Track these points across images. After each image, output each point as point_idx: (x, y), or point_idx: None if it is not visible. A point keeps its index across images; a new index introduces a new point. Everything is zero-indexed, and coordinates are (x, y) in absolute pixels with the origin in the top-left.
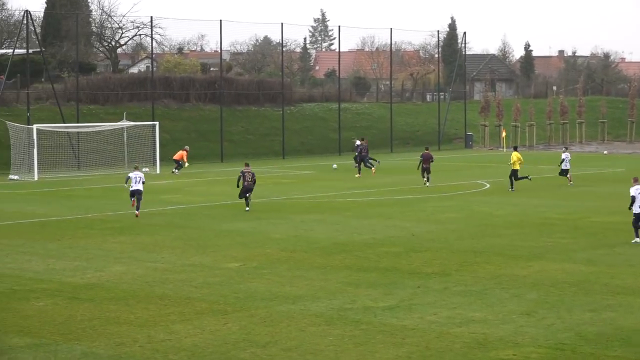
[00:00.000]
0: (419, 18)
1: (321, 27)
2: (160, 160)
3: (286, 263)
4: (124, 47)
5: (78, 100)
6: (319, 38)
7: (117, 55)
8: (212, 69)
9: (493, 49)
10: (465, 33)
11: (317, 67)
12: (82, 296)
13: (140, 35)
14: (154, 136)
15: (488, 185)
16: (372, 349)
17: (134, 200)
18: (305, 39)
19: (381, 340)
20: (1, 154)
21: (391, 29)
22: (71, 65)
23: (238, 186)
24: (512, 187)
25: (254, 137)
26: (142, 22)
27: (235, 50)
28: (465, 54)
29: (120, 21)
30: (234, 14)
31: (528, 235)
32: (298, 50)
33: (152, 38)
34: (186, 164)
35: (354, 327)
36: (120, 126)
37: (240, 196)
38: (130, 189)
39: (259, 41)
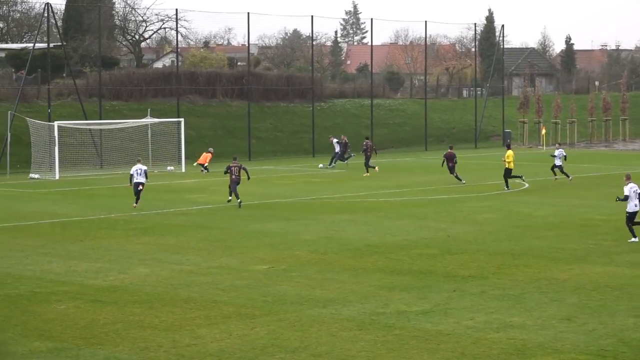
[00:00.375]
0: (455, 10)
1: (353, 20)
2: (186, 158)
3: (316, 265)
4: (148, 41)
5: (101, 96)
6: (351, 31)
7: (141, 50)
8: (239, 63)
9: (532, 42)
10: (503, 26)
11: (348, 62)
12: (104, 299)
13: (165, 28)
14: (179, 133)
15: (527, 185)
16: (406, 354)
17: (139, 189)
18: (336, 32)
19: (415, 346)
20: (21, 151)
21: (426, 21)
22: (93, 60)
23: (226, 173)
24: (507, 187)
25: (283, 134)
26: (167, 15)
27: (264, 44)
28: (503, 48)
29: (144, 14)
30: (262, 7)
31: (568, 237)
32: (329, 44)
33: (177, 31)
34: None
35: (387, 332)
36: (144, 123)
37: (230, 192)
38: (134, 181)
39: (288, 34)
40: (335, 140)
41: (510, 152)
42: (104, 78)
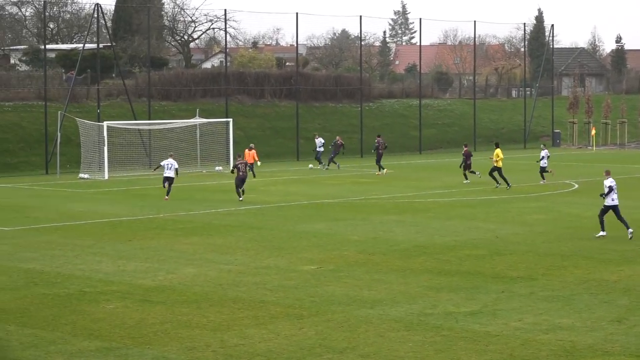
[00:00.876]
0: (504, 10)
1: (401, 20)
2: (234, 158)
3: (364, 266)
4: (196, 41)
5: (150, 97)
6: (399, 31)
7: (189, 50)
8: (287, 63)
9: (582, 42)
10: (553, 26)
11: (397, 62)
12: (153, 299)
13: (213, 29)
14: (227, 133)
15: (576, 186)
16: (454, 356)
17: (166, 184)
18: (384, 32)
19: (463, 347)
20: (71, 151)
21: (475, 21)
22: (142, 60)
23: (233, 172)
24: (498, 183)
25: (331, 134)
26: (216, 16)
27: (312, 45)
28: (552, 48)
29: (193, 14)
30: (310, 7)
31: (619, 238)
32: (377, 44)
33: (225, 32)
34: (258, 163)
35: (435, 333)
36: (192, 123)
37: (237, 187)
38: (164, 175)
39: (337, 35)
40: (320, 140)
41: (498, 150)
42: (153, 78)
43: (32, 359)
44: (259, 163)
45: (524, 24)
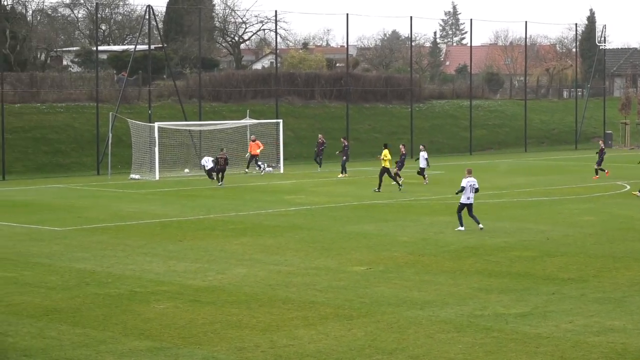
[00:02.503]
0: (555, 10)
1: (452, 21)
2: (285, 159)
3: (414, 267)
4: (247, 42)
5: (200, 98)
6: (450, 32)
7: (240, 51)
8: (338, 64)
9: (635, 42)
10: (605, 26)
11: (447, 63)
12: (203, 299)
13: (264, 30)
14: (277, 134)
15: (628, 187)
16: (504, 357)
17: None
18: (435, 32)
19: (513, 349)
20: (122, 152)
21: (526, 22)
22: (193, 62)
23: (214, 169)
24: (379, 189)
25: (381, 135)
26: (266, 17)
27: (362, 45)
28: (604, 48)
29: (244, 15)
30: (361, 8)
31: None
32: (428, 44)
33: (276, 33)
34: (258, 151)
35: (485, 335)
36: (243, 124)
37: (214, 175)
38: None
39: (387, 35)
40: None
41: (386, 151)
42: (204, 79)
43: (82, 358)
44: (258, 151)
45: (576, 24)
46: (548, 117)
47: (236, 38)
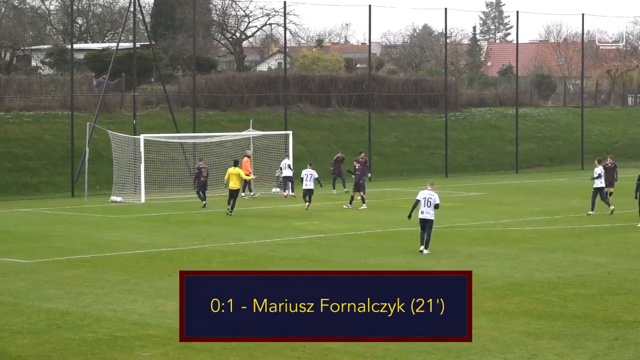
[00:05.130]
0: (617, 1)
1: (495, 14)
2: (295, 178)
3: None
4: (251, 39)
5: (195, 105)
6: (492, 27)
7: (242, 50)
8: (358, 65)
9: None
10: None
11: (489, 63)
12: (197, 346)
13: (270, 24)
14: (286, 148)
15: None
16: None
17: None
18: (474, 28)
19: None
20: (102, 170)
21: (583, 14)
22: (187, 62)
23: (194, 183)
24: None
25: (410, 149)
26: (274, 9)
27: (388, 43)
28: None
29: (247, 8)
30: None
31: None
32: (466, 42)
33: (285, 28)
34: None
35: None
36: (245, 136)
37: (199, 191)
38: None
39: (417, 31)
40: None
41: (233, 169)
42: (199, 83)
43: None
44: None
45: None
46: (609, 127)
47: (237, 34)
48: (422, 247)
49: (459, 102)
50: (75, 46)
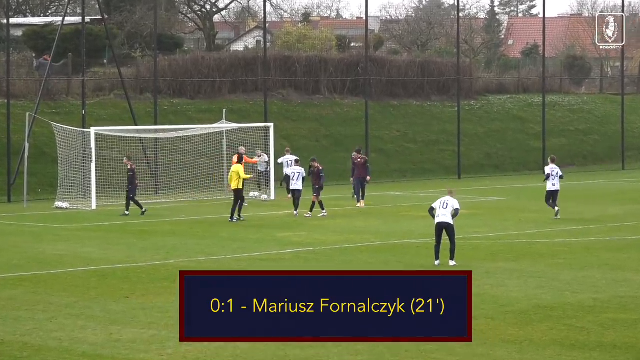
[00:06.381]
0: None
1: None
2: (276, 180)
3: None
4: (224, 13)
5: (156, 92)
6: None
7: (213, 26)
8: (353, 44)
9: None
10: None
11: (510, 42)
12: None
13: None
14: (267, 144)
15: None
16: None
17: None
18: (492, 0)
19: None
20: (44, 170)
21: None
22: (146, 41)
23: (129, 187)
24: (232, 218)
25: (416, 145)
26: None
27: (388, 17)
28: None
29: None
30: None
31: None
32: (482, 16)
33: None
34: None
35: None
36: (217, 129)
37: (134, 197)
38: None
39: (424, 3)
40: (263, 158)
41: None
42: (161, 66)
43: None
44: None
45: None
46: None
47: (208, 7)
48: (436, 262)
49: (474, 89)
50: (12, 21)
